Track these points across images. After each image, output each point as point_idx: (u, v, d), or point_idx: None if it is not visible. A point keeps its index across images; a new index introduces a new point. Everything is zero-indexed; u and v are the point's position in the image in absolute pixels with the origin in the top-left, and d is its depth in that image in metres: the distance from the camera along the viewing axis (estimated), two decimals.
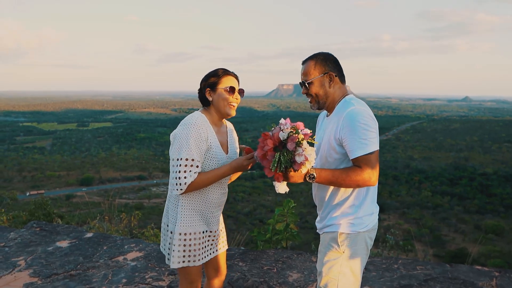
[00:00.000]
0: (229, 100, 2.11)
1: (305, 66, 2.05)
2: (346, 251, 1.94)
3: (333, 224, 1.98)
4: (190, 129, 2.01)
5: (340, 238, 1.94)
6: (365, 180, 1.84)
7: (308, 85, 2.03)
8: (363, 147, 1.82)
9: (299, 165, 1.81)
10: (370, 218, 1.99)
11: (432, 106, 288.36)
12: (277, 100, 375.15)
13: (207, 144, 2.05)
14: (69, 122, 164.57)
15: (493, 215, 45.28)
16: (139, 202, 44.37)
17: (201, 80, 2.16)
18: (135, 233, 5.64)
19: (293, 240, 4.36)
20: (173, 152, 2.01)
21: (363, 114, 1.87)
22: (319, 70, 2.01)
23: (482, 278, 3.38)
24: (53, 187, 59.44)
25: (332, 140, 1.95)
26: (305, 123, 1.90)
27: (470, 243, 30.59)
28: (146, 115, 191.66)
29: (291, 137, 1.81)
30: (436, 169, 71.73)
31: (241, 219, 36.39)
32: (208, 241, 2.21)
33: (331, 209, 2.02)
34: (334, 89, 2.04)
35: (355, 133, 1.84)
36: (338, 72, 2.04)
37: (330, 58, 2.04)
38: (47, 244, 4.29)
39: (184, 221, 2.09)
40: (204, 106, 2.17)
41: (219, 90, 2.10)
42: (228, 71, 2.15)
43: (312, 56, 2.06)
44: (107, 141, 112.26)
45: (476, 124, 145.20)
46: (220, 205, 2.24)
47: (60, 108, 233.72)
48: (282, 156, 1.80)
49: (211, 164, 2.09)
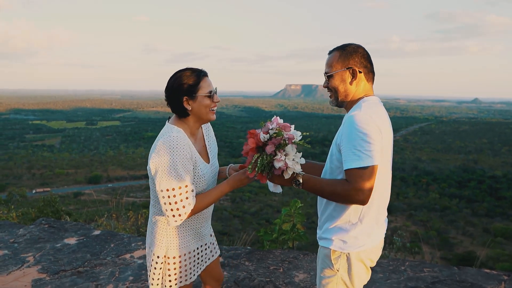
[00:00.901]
0: (211, 106, 1.89)
1: (329, 57, 1.85)
2: (340, 270, 1.77)
3: (327, 238, 1.81)
4: (173, 152, 1.76)
5: (333, 255, 1.77)
6: (351, 196, 1.60)
7: (328, 78, 1.84)
8: (356, 159, 1.60)
9: (278, 170, 1.69)
10: (368, 239, 1.77)
11: (441, 107, 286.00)
12: (285, 101, 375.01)
13: (193, 162, 1.85)
14: (78, 120, 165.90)
15: (502, 218, 44.72)
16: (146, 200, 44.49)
17: (172, 88, 1.84)
18: (142, 231, 5.67)
19: (300, 240, 4.36)
20: (160, 184, 1.75)
21: (365, 121, 1.63)
22: (342, 64, 1.80)
23: (490, 281, 3.35)
24: (62, 185, 59.98)
25: (334, 145, 1.78)
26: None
27: (478, 246, 30.25)
28: (154, 114, 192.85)
29: (272, 140, 1.68)
30: (444, 171, 71.15)
31: (247, 219, 36.38)
32: (201, 256, 2.10)
33: (327, 219, 1.84)
34: (356, 87, 1.81)
35: (351, 142, 1.62)
36: (364, 69, 1.81)
37: (359, 52, 1.81)
38: (55, 241, 4.33)
39: (177, 243, 1.94)
40: (180, 117, 1.90)
41: (199, 97, 1.84)
42: (202, 72, 1.88)
43: (339, 46, 1.84)
44: (115, 140, 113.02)
45: (485, 126, 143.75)
46: (210, 214, 2.13)
47: (69, 106, 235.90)
48: (261, 158, 1.69)
49: (199, 182, 1.90)
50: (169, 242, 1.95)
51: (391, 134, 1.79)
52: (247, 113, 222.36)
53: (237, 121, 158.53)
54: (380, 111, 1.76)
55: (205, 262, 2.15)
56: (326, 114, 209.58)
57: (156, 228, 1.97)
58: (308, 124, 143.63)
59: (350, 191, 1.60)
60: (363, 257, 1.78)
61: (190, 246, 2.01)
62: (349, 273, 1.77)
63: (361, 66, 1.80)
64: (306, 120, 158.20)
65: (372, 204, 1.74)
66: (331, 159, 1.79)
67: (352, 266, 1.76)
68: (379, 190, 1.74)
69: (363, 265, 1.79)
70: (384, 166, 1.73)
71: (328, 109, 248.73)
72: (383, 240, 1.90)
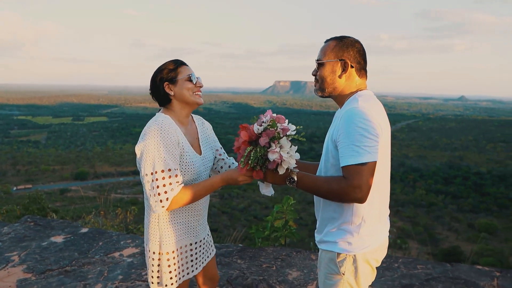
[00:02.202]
0: (194, 90, 1.90)
1: (325, 44, 1.79)
2: (346, 273, 1.70)
3: (330, 242, 1.73)
4: (158, 135, 1.74)
5: (338, 258, 1.70)
6: (348, 194, 1.53)
7: (319, 65, 1.77)
8: (354, 155, 1.52)
9: (272, 164, 1.61)
10: (372, 238, 1.71)
11: (428, 105, 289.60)
12: (274, 97, 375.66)
13: (180, 148, 1.81)
14: (64, 116, 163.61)
15: (486, 214, 45.56)
16: (134, 197, 44.20)
17: (154, 76, 1.89)
18: (131, 228, 5.57)
19: (292, 237, 4.31)
20: (144, 167, 1.73)
21: (364, 115, 1.56)
22: (336, 54, 1.74)
23: (483, 278, 3.35)
24: (47, 181, 59.06)
25: (329, 141, 1.69)
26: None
27: (464, 242, 30.80)
28: (142, 110, 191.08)
29: (266, 131, 1.61)
30: (431, 167, 72.07)
31: (236, 215, 36.37)
32: (197, 253, 2.04)
33: (327, 221, 1.76)
34: (345, 81, 1.75)
35: (349, 137, 1.54)
36: (357, 64, 1.75)
37: (356, 46, 1.75)
38: (42, 239, 4.22)
39: (170, 237, 1.90)
40: (165, 105, 1.92)
41: (179, 80, 1.87)
42: (180, 61, 1.92)
43: (338, 37, 1.79)
44: (102, 136, 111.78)
45: (471, 123, 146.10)
46: (205, 209, 2.07)
47: (55, 101, 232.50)
48: (254, 151, 1.62)
49: (187, 170, 1.86)
50: (162, 237, 1.90)
51: (389, 129, 1.73)
52: (236, 109, 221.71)
53: (226, 117, 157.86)
54: (378, 105, 1.70)
55: (201, 261, 2.10)
56: (315, 111, 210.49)
57: (149, 223, 1.93)
58: (297, 120, 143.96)
59: (347, 189, 1.52)
60: (369, 258, 1.72)
61: (183, 240, 1.96)
62: (355, 275, 1.71)
63: (354, 61, 1.74)
64: (295, 117, 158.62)
65: (374, 203, 1.68)
66: (327, 156, 1.71)
67: (358, 268, 1.70)
68: (380, 187, 1.68)
69: (369, 266, 1.73)
70: (384, 162, 1.67)
71: (316, 106, 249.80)
72: (387, 238, 1.84)
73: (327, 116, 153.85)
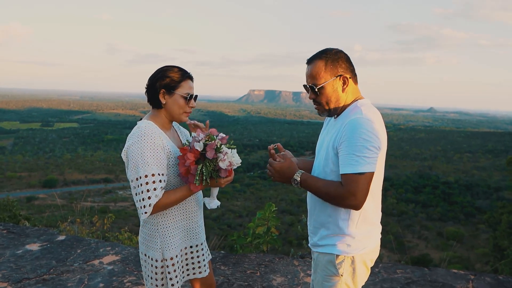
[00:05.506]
0: (185, 109, 1.88)
1: (312, 66, 1.73)
2: (344, 274, 1.75)
3: (328, 245, 1.77)
4: (142, 141, 1.75)
5: (337, 260, 1.75)
6: (344, 200, 1.61)
7: (318, 90, 1.73)
8: (354, 164, 1.58)
9: (225, 171, 1.77)
10: (369, 240, 1.78)
11: (399, 115, 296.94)
12: (248, 106, 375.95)
13: (166, 152, 1.82)
14: (33, 121, 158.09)
15: (454, 222, 46.97)
16: (105, 205, 43.14)
17: (154, 78, 1.85)
18: (107, 236, 5.45)
19: (274, 244, 4.34)
20: (130, 173, 1.75)
21: (368, 127, 1.61)
22: (331, 73, 1.71)
23: (459, 281, 3.48)
24: (13, 189, 56.73)
25: (330, 148, 1.72)
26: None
27: (433, 249, 31.59)
28: (114, 117, 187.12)
29: (208, 145, 1.75)
30: (401, 177, 73.74)
31: (209, 224, 35.84)
32: (199, 256, 2.05)
33: (322, 225, 1.80)
34: (347, 93, 1.76)
35: (351, 146, 1.60)
36: (351, 73, 1.76)
37: (342, 56, 1.74)
38: (16, 247, 4.08)
39: (171, 243, 1.90)
40: (154, 107, 1.91)
41: (176, 95, 1.85)
42: (188, 73, 1.89)
43: (320, 54, 1.74)
44: (72, 142, 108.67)
45: (440, 134, 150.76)
46: (201, 208, 2.09)
47: (23, 106, 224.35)
48: (205, 167, 1.75)
49: (172, 170, 1.86)
50: (163, 244, 1.89)
51: (386, 140, 1.78)
52: (210, 118, 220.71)
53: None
54: (379, 116, 1.74)
55: (201, 265, 2.08)
56: (289, 120, 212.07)
57: (148, 231, 1.92)
58: (271, 129, 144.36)
59: (343, 195, 1.61)
60: (366, 259, 1.79)
61: (182, 244, 1.97)
62: (353, 276, 1.77)
63: (348, 71, 1.75)
64: (269, 126, 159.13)
65: (370, 206, 1.75)
66: (327, 162, 1.75)
67: (356, 269, 1.76)
68: (375, 193, 1.77)
69: (365, 267, 1.80)
70: (380, 171, 1.75)
71: (290, 115, 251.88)
72: (380, 240, 1.92)
73: (300, 126, 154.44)
